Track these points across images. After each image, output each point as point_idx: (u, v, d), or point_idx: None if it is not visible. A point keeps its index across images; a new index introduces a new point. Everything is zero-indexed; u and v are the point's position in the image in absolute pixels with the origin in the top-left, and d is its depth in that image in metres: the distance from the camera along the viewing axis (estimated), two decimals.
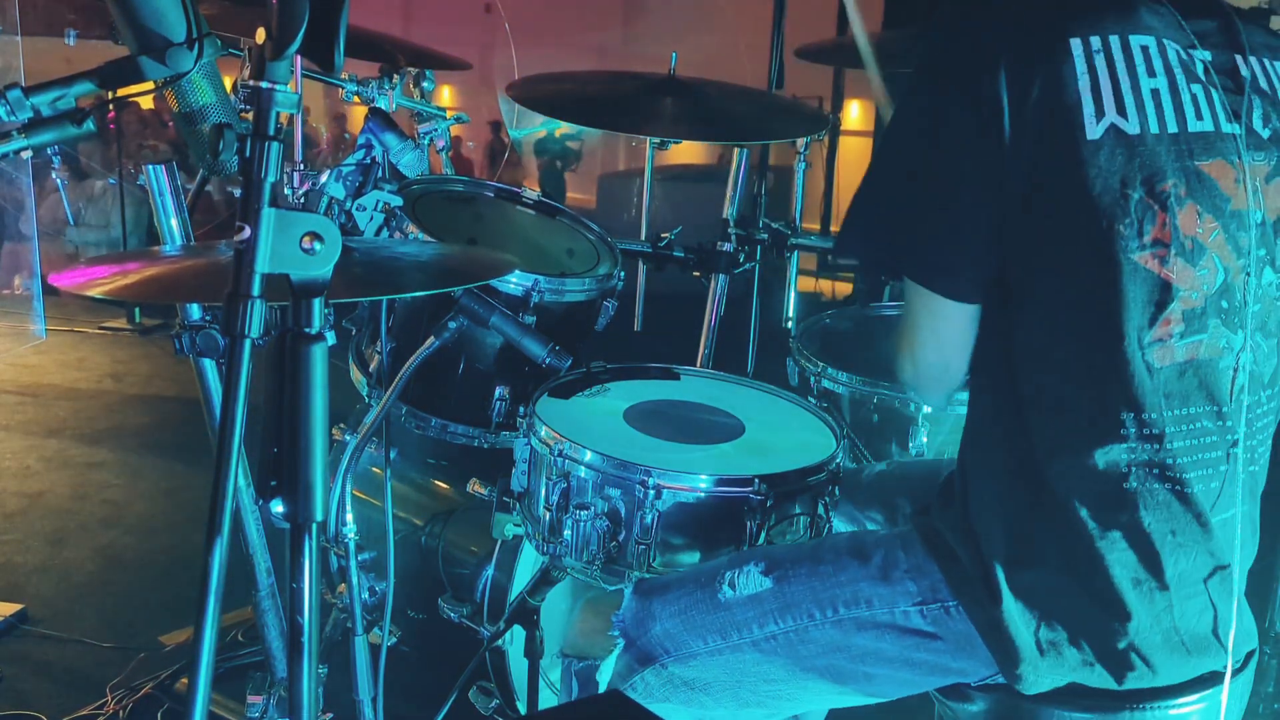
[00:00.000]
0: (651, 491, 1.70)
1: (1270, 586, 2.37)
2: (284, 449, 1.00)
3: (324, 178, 1.98)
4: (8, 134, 1.26)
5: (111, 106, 1.29)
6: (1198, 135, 1.36)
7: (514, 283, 2.11)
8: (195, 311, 1.70)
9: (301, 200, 2.02)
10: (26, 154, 1.29)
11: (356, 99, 2.74)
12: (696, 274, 2.86)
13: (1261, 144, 1.40)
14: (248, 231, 0.95)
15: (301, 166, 2.24)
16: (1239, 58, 1.41)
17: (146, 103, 7.82)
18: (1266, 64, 1.44)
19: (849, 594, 1.50)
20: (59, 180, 6.45)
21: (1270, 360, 1.43)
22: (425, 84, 2.96)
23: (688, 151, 7.78)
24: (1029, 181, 1.33)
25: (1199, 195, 1.35)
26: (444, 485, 2.61)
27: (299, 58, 1.50)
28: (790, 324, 3.22)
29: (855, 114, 8.16)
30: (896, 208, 1.43)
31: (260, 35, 0.96)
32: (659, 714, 1.56)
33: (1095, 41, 1.34)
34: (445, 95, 9.65)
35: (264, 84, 0.96)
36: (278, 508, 1.02)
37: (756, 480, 1.71)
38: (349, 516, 1.97)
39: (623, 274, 2.35)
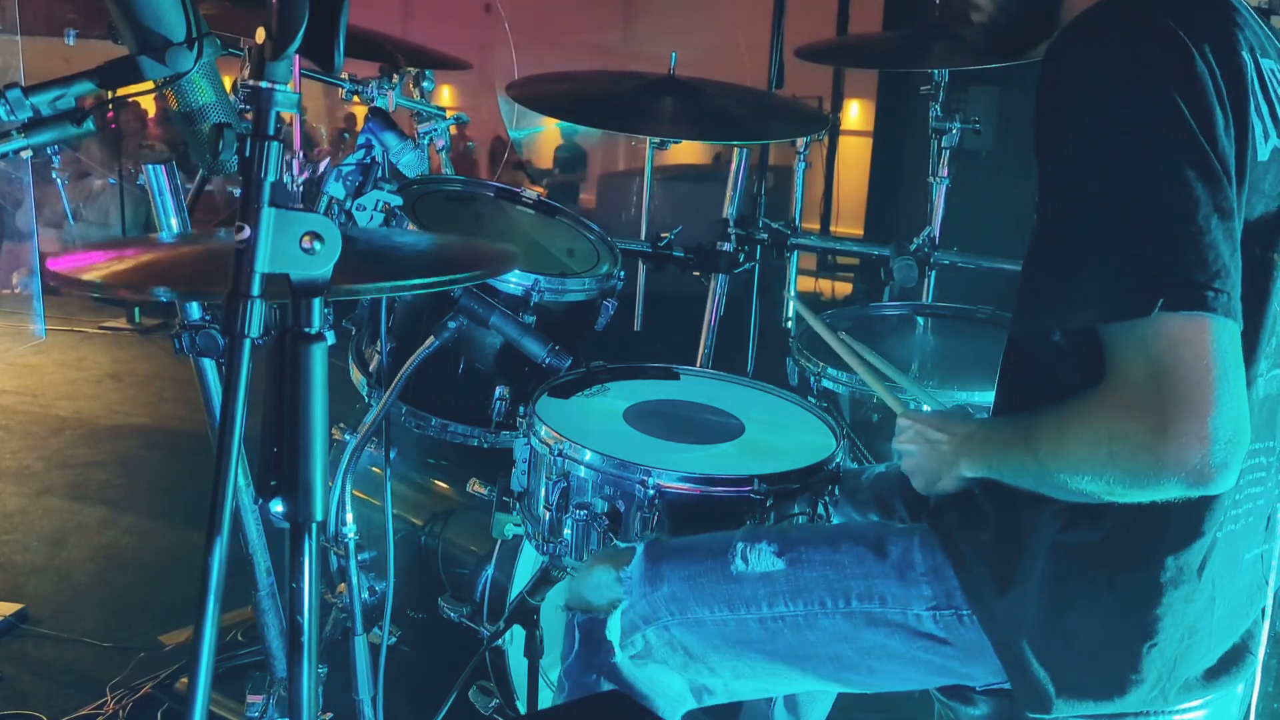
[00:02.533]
0: (651, 491, 1.70)
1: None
2: (284, 449, 1.00)
3: (323, 168, 1.97)
4: (8, 134, 1.25)
5: (111, 106, 1.29)
6: None
7: (514, 282, 2.11)
8: (195, 311, 1.69)
9: (300, 188, 2.01)
10: (26, 153, 1.28)
11: (356, 99, 2.74)
12: (696, 274, 2.87)
13: None
14: (248, 231, 0.95)
15: (300, 155, 2.24)
16: None
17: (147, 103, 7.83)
18: None
19: (863, 587, 1.48)
20: (59, 179, 6.45)
21: None
22: (425, 84, 2.97)
23: (688, 151, 7.79)
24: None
25: None
26: (444, 485, 2.61)
27: (299, 58, 1.50)
28: (790, 324, 3.22)
29: (855, 114, 8.17)
30: (1144, 231, 1.15)
31: (260, 35, 0.96)
32: (653, 674, 1.56)
33: (1252, 59, 1.26)
34: (445, 95, 9.66)
35: (264, 84, 0.96)
36: (278, 507, 1.02)
37: (756, 480, 1.71)
38: (349, 516, 1.97)
39: (623, 274, 2.35)
